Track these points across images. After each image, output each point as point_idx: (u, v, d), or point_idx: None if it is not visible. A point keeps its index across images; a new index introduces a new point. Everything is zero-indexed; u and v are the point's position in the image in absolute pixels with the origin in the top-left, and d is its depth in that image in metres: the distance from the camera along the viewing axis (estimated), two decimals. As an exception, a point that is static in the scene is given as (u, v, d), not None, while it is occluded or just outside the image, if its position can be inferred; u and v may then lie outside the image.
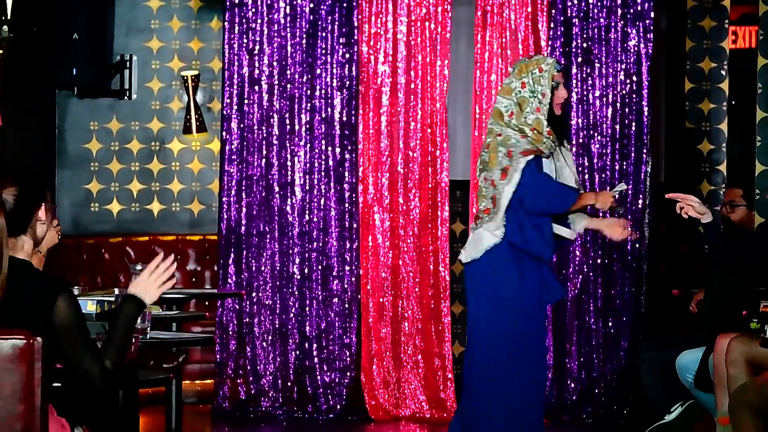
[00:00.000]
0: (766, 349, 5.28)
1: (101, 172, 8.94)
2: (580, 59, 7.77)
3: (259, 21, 7.79)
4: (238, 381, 7.77)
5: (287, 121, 7.78)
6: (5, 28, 7.39)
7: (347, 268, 7.75)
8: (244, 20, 7.79)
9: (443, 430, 6.32)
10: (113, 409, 5.42)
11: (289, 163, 7.78)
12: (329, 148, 7.77)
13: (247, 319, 7.71)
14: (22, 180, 3.84)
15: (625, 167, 7.85)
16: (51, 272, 4.48)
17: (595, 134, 7.85)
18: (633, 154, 7.82)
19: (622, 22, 7.76)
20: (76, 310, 3.75)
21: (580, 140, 7.84)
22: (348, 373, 7.73)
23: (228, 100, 7.82)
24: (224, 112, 7.83)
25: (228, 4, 7.81)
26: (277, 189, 7.78)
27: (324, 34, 7.78)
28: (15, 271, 3.74)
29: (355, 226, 7.76)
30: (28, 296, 3.74)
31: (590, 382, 7.65)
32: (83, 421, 4.06)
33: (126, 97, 8.82)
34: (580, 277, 7.84)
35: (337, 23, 7.78)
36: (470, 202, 7.84)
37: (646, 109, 7.77)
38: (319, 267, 7.76)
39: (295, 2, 7.78)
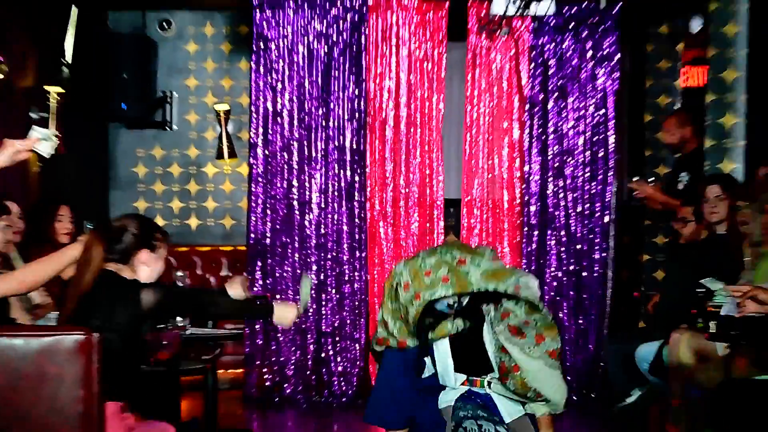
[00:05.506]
0: (711, 342, 5.34)
1: (147, 193, 9.22)
2: (555, 95, 7.94)
3: (281, 62, 7.91)
4: (264, 370, 7.93)
5: (305, 148, 7.90)
6: (65, 69, 7.71)
7: (357, 274, 7.92)
8: (268, 61, 7.89)
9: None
10: (159, 394, 5.67)
11: (307, 184, 7.90)
12: (341, 171, 7.91)
13: (272, 318, 8.05)
14: (139, 224, 4.08)
15: (594, 187, 7.92)
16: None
17: (569, 159, 7.94)
18: (600, 176, 7.92)
19: (591, 63, 7.89)
20: (161, 292, 3.87)
21: (556, 164, 7.91)
22: (358, 363, 7.93)
23: (254, 130, 7.91)
24: (251, 141, 7.93)
25: (255, 47, 7.90)
26: (296, 206, 7.90)
27: (337, 74, 7.92)
28: (102, 279, 3.97)
29: (363, 238, 7.91)
30: (113, 295, 3.89)
31: (563, 371, 7.34)
32: (135, 407, 4.23)
33: (167, 128, 9.07)
34: (555, 282, 7.96)
35: (348, 64, 7.90)
36: (461, 216, 7.94)
37: (611, 137, 7.92)
38: (333, 273, 7.92)
39: (312, 46, 7.89)
